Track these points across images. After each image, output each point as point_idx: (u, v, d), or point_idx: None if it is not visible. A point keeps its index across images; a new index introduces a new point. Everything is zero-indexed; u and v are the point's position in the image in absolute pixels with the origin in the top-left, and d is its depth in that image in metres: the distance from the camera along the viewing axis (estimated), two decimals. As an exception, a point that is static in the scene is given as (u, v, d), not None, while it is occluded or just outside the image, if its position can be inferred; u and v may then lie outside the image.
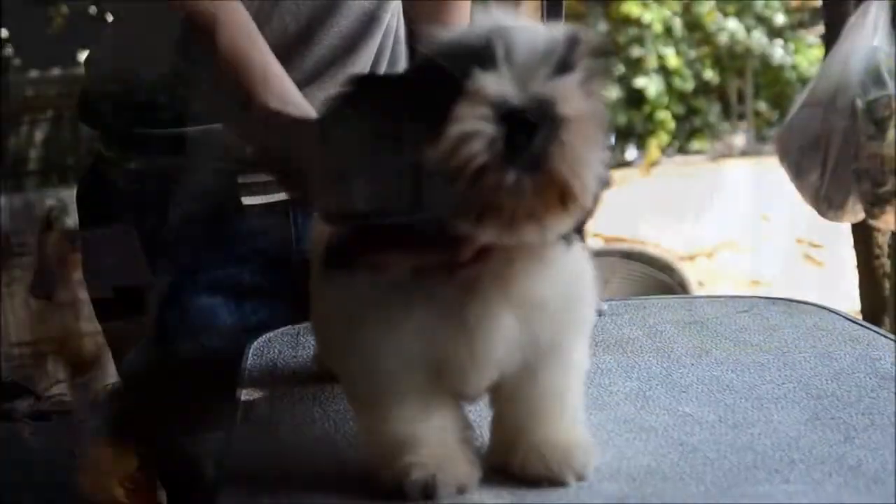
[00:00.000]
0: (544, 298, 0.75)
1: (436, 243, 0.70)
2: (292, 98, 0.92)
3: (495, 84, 0.66)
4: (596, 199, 0.71)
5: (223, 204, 1.20)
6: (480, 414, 0.86)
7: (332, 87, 1.07)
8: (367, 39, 1.20)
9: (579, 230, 0.74)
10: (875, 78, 2.27)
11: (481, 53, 0.66)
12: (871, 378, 1.01)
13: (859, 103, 2.27)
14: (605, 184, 0.71)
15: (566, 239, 0.73)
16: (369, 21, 1.20)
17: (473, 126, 0.65)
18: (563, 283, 0.76)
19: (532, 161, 0.65)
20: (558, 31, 0.69)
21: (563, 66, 0.68)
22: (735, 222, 6.72)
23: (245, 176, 1.19)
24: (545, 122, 0.65)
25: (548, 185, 0.66)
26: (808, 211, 2.50)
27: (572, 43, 0.68)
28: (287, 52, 1.13)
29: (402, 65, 1.27)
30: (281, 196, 1.22)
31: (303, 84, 0.93)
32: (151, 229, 1.20)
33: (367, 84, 0.75)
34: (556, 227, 0.69)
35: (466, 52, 0.67)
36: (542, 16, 1.45)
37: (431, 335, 0.75)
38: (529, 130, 0.65)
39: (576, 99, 0.67)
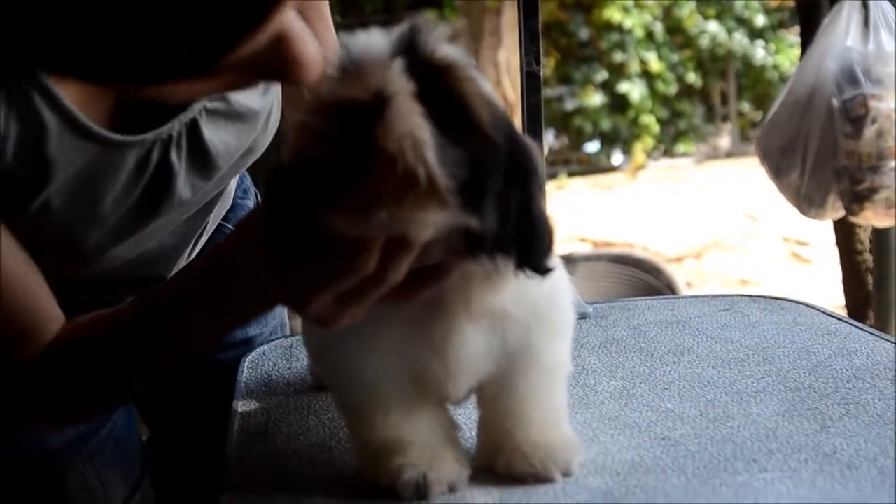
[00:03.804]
0: (509, 310, 0.78)
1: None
2: None
3: (324, 85, 0.68)
4: (539, 224, 0.71)
5: None
6: (471, 417, 0.89)
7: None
8: None
9: (538, 261, 0.73)
10: (849, 77, 2.30)
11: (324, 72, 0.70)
12: (847, 370, 1.04)
13: (835, 103, 2.30)
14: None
15: (522, 269, 0.72)
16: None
17: (302, 120, 0.68)
18: (529, 294, 0.78)
19: (364, 145, 0.66)
20: (395, 31, 0.71)
21: (393, 57, 0.69)
22: (722, 223, 6.76)
23: None
24: (368, 107, 0.66)
25: (384, 165, 0.66)
26: (794, 209, 2.53)
27: (408, 37, 0.70)
28: None
29: None
30: None
31: None
32: None
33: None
34: (420, 215, 0.67)
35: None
36: (519, 26, 1.48)
37: (405, 350, 0.79)
38: (355, 117, 0.66)
39: (397, 81, 0.68)
